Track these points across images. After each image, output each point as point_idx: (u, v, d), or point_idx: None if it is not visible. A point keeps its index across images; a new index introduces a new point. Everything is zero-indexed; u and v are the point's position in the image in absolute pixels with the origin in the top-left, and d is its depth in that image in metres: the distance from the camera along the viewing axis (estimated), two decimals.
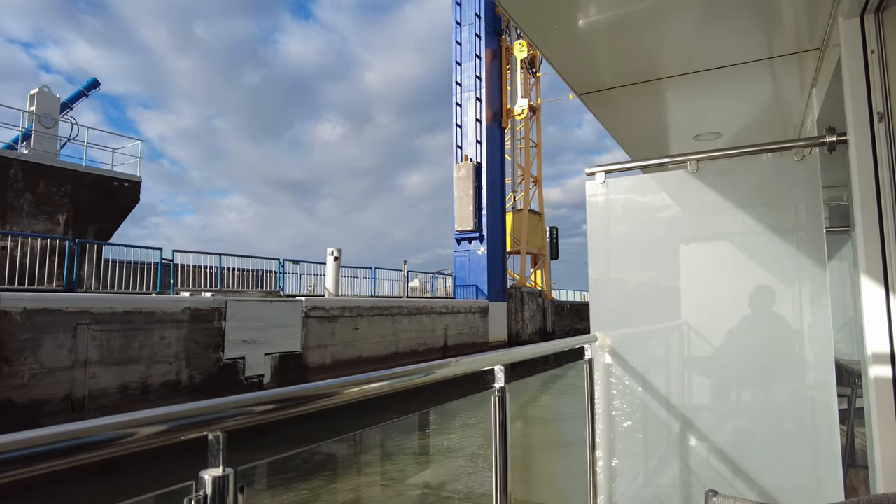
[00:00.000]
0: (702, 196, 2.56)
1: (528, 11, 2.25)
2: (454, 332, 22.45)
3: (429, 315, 20.88)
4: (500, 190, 28.35)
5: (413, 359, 19.74)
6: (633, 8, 2.18)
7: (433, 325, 21.12)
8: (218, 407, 0.95)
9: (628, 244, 2.78)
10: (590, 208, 2.81)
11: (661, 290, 2.69)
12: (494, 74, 28.81)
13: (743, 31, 2.36)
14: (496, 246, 27.61)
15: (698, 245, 2.62)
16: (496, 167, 28.11)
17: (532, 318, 29.67)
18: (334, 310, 16.40)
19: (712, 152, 2.57)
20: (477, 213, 26.88)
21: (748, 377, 2.49)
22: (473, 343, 23.94)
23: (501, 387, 1.89)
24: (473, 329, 23.96)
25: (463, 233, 27.37)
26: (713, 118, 3.46)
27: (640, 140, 4.02)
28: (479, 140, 27.44)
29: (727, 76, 2.76)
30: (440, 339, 21.50)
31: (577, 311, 36.35)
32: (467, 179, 26.85)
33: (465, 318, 23.35)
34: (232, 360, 13.27)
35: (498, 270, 27.56)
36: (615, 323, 2.74)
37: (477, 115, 27.55)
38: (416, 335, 20.08)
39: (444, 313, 21.83)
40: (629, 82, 2.90)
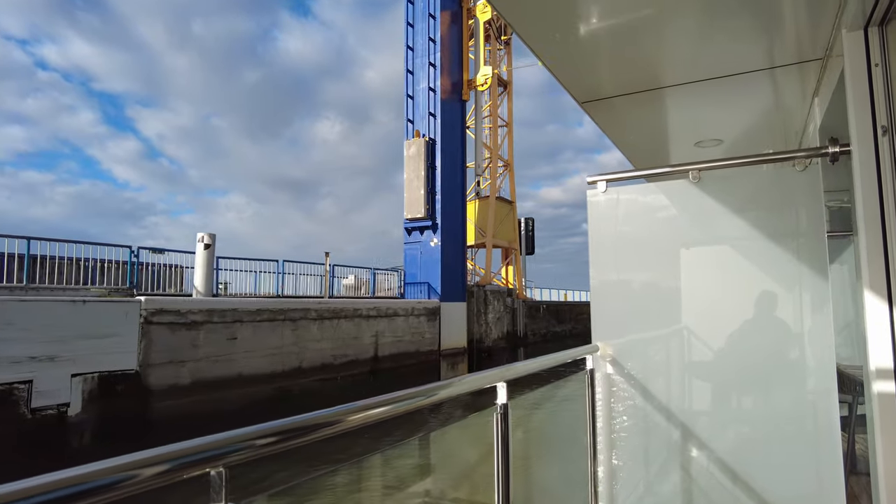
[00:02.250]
0: (703, 205, 2.57)
1: (530, 21, 2.25)
2: (389, 340, 18.43)
3: (351, 319, 16.87)
4: (459, 172, 24.33)
5: (326, 374, 15.75)
6: (635, 18, 2.19)
7: (358, 331, 17.11)
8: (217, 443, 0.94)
9: (630, 253, 2.79)
10: (591, 217, 2.82)
11: (662, 298, 2.69)
12: (454, 40, 24.78)
13: (745, 40, 2.38)
14: (453, 237, 23.59)
15: (700, 254, 2.64)
16: (454, 146, 24.08)
17: (498, 320, 25.64)
18: (196, 314, 12.42)
19: (714, 162, 2.57)
20: (429, 199, 22.86)
21: (750, 384, 2.51)
22: (418, 352, 19.93)
23: (504, 403, 1.84)
24: (418, 335, 19.95)
25: (413, 221, 23.35)
26: (714, 125, 3.48)
27: (642, 147, 4.04)
28: (433, 113, 23.40)
29: (728, 85, 2.77)
30: (368, 348, 17.49)
31: (556, 312, 32.28)
32: (418, 158, 22.83)
33: (406, 322, 19.33)
34: (6, 385, 9.29)
35: (455, 265, 23.53)
36: (617, 332, 2.75)
37: (430, 84, 23.52)
38: (332, 345, 16.07)
39: (374, 317, 17.82)
40: (630, 91, 2.91)
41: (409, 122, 23.91)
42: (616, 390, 2.71)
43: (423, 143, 22.77)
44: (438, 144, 23.17)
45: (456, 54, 24.86)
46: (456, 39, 24.92)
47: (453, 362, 22.75)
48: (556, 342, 31.66)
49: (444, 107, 23.50)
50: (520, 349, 27.39)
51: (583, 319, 36.66)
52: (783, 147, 3.74)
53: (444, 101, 23.60)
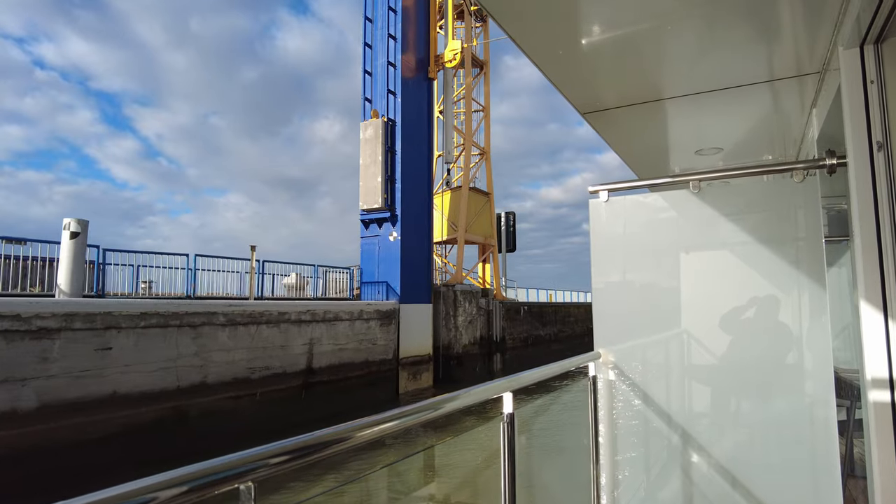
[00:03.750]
0: (704, 214, 2.62)
1: (533, 36, 2.28)
2: (328, 349, 15.77)
3: (276, 325, 14.22)
4: (424, 159, 21.69)
5: (240, 390, 13.10)
6: (636, 31, 2.23)
7: (285, 338, 14.46)
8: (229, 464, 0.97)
9: (631, 261, 2.82)
10: (593, 226, 2.85)
11: (663, 306, 2.72)
12: (420, 12, 22.14)
13: (744, 54, 2.42)
14: (417, 230, 20.95)
15: (700, 261, 2.66)
16: (419, 128, 21.44)
17: (469, 323, 22.97)
18: (47, 318, 9.77)
19: (714, 172, 2.62)
20: (388, 187, 20.21)
21: (750, 390, 2.54)
22: (367, 362, 17.27)
23: (510, 413, 1.86)
24: (367, 342, 17.29)
25: (370, 212, 20.69)
26: (714, 135, 3.53)
27: (642, 156, 4.09)
28: (393, 91, 20.76)
29: (728, 96, 2.81)
30: (299, 359, 14.84)
31: (539, 314, 29.60)
32: (375, 141, 20.18)
33: (351, 328, 16.67)
34: None
35: (418, 262, 20.88)
36: (618, 339, 2.79)
37: (390, 59, 20.88)
38: (248, 355, 13.42)
39: (308, 322, 15.16)
40: (631, 102, 2.95)
41: (366, 101, 21.26)
42: (618, 396, 2.74)
43: (381, 123, 20.12)
44: (399, 126, 20.53)
45: (422, 28, 22.24)
46: (422, 12, 22.29)
47: (415, 372, 20.11)
48: (538, 347, 28.96)
49: (406, 84, 20.86)
50: (495, 356, 24.73)
51: (570, 322, 33.93)
52: (782, 154, 3.87)
53: (406, 78, 20.96)
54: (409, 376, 19.80)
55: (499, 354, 25.07)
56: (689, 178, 2.58)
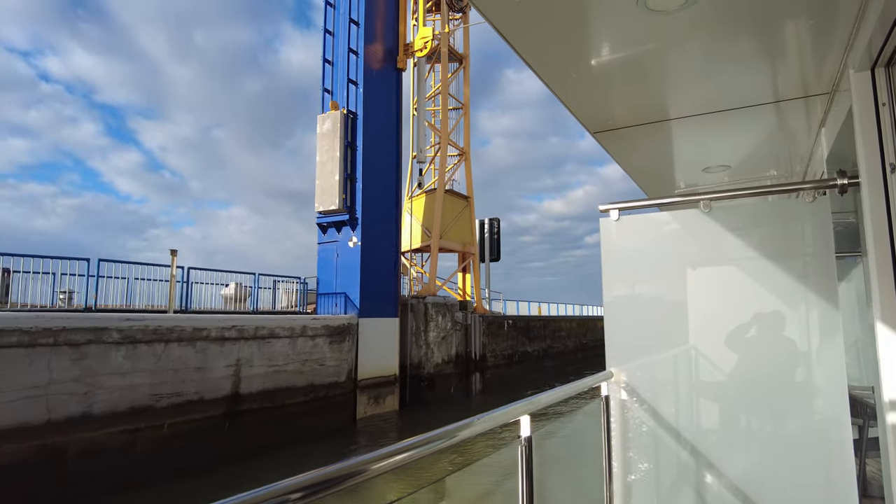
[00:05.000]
0: (714, 233, 2.61)
1: (546, 58, 2.29)
2: (261, 371, 13.50)
3: (191, 343, 11.98)
4: (390, 156, 19.55)
5: (140, 422, 10.84)
6: (646, 53, 2.25)
7: (204, 359, 12.21)
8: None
9: (642, 280, 2.82)
10: (604, 245, 2.83)
11: (675, 325, 2.71)
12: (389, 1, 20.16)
13: (753, 75, 2.44)
14: (381, 236, 18.75)
15: (711, 280, 2.66)
16: (385, 123, 19.34)
17: (443, 340, 20.67)
18: None
19: (725, 192, 2.60)
20: (347, 186, 18.06)
21: (763, 408, 2.52)
22: (312, 385, 14.97)
23: (528, 436, 1.84)
24: (312, 362, 15.01)
25: (326, 215, 18.51)
26: (722, 153, 3.55)
27: (651, 173, 4.11)
28: (354, 80, 18.69)
29: (736, 116, 2.84)
30: (222, 382, 12.57)
31: (525, 329, 27.26)
32: (333, 136, 18.08)
33: (292, 347, 14.40)
34: None
35: (382, 271, 18.65)
36: (630, 358, 2.77)
37: (352, 46, 18.84)
38: (153, 379, 11.17)
39: (235, 339, 12.92)
40: (641, 122, 2.98)
41: (325, 93, 19.18)
42: (630, 416, 2.73)
43: (340, 116, 18.02)
44: (360, 119, 18.42)
45: (391, 15, 20.23)
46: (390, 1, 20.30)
47: (377, 395, 17.79)
48: (525, 365, 26.57)
49: (369, 74, 18.79)
50: (474, 375, 22.37)
51: (561, 337, 31.55)
52: (788, 171, 3.90)
53: (370, 68, 18.90)
54: (369, 400, 17.49)
55: (478, 374, 22.72)
56: (699, 197, 2.58)
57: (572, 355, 32.46)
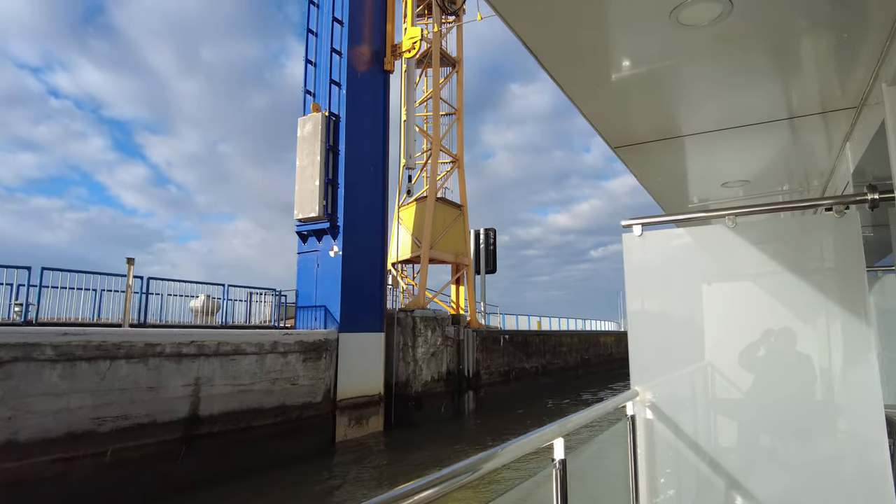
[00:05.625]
0: (740, 249, 2.59)
1: (572, 72, 2.29)
2: (225, 390, 12.33)
3: (142, 360, 10.84)
4: (376, 161, 18.51)
5: (77, 449, 9.67)
6: (670, 68, 2.25)
7: (157, 378, 11.06)
8: None
9: (667, 297, 2.78)
10: (627, 261, 2.80)
11: (701, 342, 2.66)
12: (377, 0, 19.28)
13: (779, 90, 2.43)
14: (366, 245, 17.64)
15: (738, 297, 2.61)
16: (370, 126, 18.33)
17: (432, 356, 19.44)
18: None
19: (751, 208, 2.59)
20: (328, 192, 17.00)
21: (793, 431, 2.45)
22: (283, 406, 13.77)
23: (562, 459, 1.78)
24: (284, 381, 13.82)
25: (306, 223, 17.44)
26: (742, 168, 3.54)
27: (669, 188, 4.09)
28: (337, 81, 17.72)
29: (759, 131, 2.82)
30: (178, 404, 11.40)
31: (523, 344, 25.97)
32: (313, 140, 17.07)
33: (260, 364, 13.23)
34: None
35: (366, 283, 17.51)
36: (656, 376, 2.72)
37: (336, 45, 17.91)
38: (95, 401, 10.02)
39: (194, 356, 11.77)
40: (664, 137, 2.98)
41: (307, 95, 18.22)
42: (657, 436, 2.67)
43: (321, 118, 17.02)
44: (343, 121, 17.42)
45: (378, 16, 19.34)
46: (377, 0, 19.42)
47: (359, 416, 16.55)
48: (522, 382, 25.23)
49: (353, 76, 17.83)
50: (466, 394, 21.08)
51: (561, 353, 30.21)
52: (805, 185, 3.85)
53: (355, 69, 17.95)
54: (350, 422, 16.25)
55: (471, 392, 21.42)
56: (724, 212, 2.55)
57: (573, 371, 31.07)
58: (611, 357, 39.55)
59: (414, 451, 15.65)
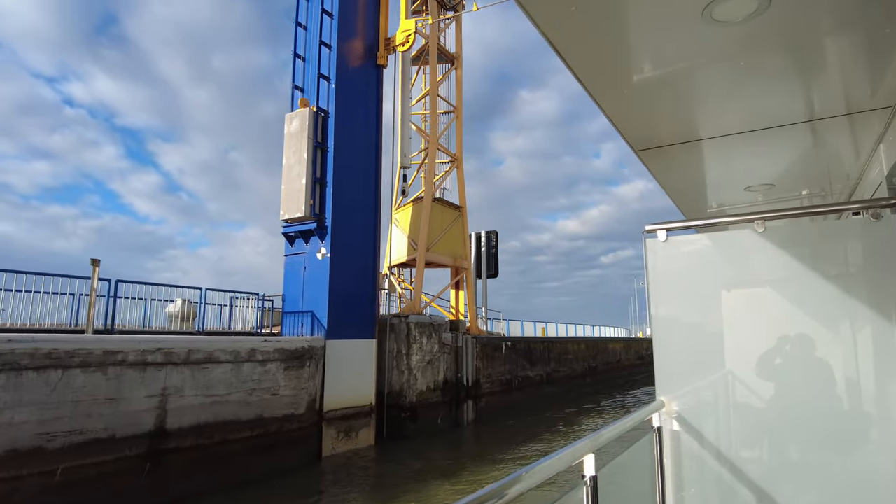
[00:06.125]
0: (769, 254, 2.49)
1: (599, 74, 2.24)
2: (196, 402, 11.44)
3: (101, 369, 9.96)
4: (368, 159, 17.63)
5: (26, 467, 8.79)
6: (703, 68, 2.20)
7: (118, 388, 10.18)
8: None
9: (694, 304, 2.69)
10: (651, 267, 2.71)
11: (730, 350, 2.56)
12: None
13: (809, 90, 2.35)
14: (356, 247, 16.74)
15: (766, 304, 2.52)
16: (362, 122, 17.47)
17: (428, 364, 18.45)
18: None
19: (781, 212, 2.54)
20: (315, 191, 16.14)
21: (829, 443, 2.33)
22: (261, 418, 12.84)
23: (593, 476, 1.71)
24: (262, 392, 12.91)
25: (293, 223, 16.57)
26: (766, 171, 3.45)
27: (691, 192, 3.97)
28: (326, 76, 16.89)
29: (787, 133, 2.75)
30: (142, 417, 10.51)
31: (527, 351, 24.89)
32: (300, 136, 16.23)
33: (236, 373, 12.32)
34: None
35: (356, 287, 16.60)
36: (682, 386, 2.63)
37: (325, 38, 17.10)
38: (43, 415, 9.14)
39: (161, 364, 10.89)
40: (688, 139, 2.92)
41: (296, 90, 17.41)
42: (684, 448, 2.57)
43: (309, 113, 16.19)
44: (332, 117, 16.58)
45: (371, 8, 18.53)
46: None
47: (347, 428, 15.59)
48: (525, 391, 24.14)
49: (344, 70, 16.99)
50: (465, 404, 20.05)
51: (567, 360, 29.07)
52: (832, 189, 3.71)
53: (346, 63, 17.12)
54: (338, 434, 15.30)
55: (470, 402, 20.39)
56: (752, 216, 2.45)
57: (580, 380, 29.90)
58: (619, 364, 38.29)
59: (408, 465, 14.65)
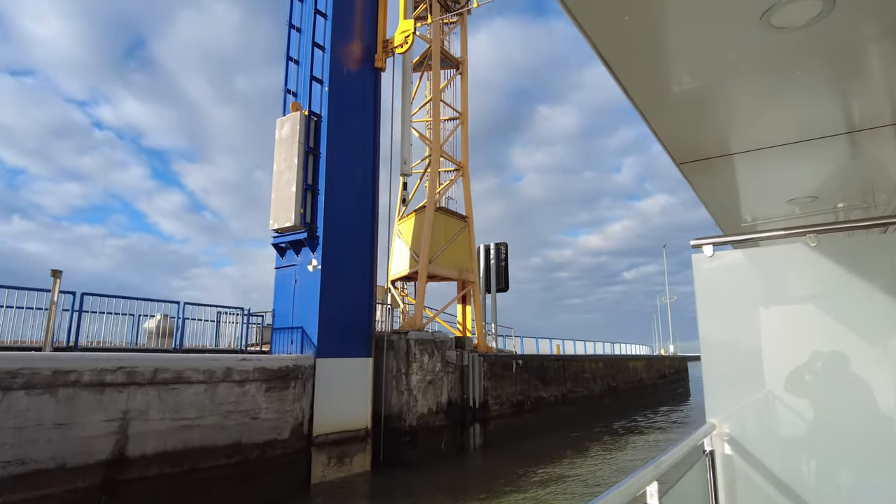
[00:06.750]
0: (822, 269, 2.39)
1: (647, 84, 2.18)
2: (164, 426, 10.38)
3: (49, 391, 8.97)
4: (365, 166, 16.67)
5: None
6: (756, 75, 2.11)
7: (70, 412, 9.18)
8: None
9: (744, 321, 2.57)
10: (698, 283, 2.64)
11: (784, 369, 2.45)
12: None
13: (867, 97, 2.25)
14: (350, 258, 15.69)
15: (820, 320, 2.41)
16: (358, 128, 16.55)
17: (430, 384, 17.20)
18: None
19: (832, 224, 2.43)
20: (307, 199, 15.18)
21: (883, 466, 2.22)
22: (239, 444, 11.73)
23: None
24: (241, 414, 11.81)
25: (282, 233, 15.61)
26: (811, 183, 3.33)
27: (732, 205, 3.88)
28: (319, 78, 16.04)
29: (838, 142, 2.63)
30: (98, 444, 9.47)
31: (540, 371, 23.45)
32: (291, 141, 15.34)
33: (210, 395, 11.26)
34: None
35: (350, 301, 15.51)
36: (734, 408, 2.52)
37: (319, 40, 16.30)
38: None
39: (123, 385, 9.88)
40: (734, 151, 2.82)
41: (288, 94, 16.59)
42: (738, 474, 2.47)
43: (300, 117, 15.31)
44: (325, 121, 15.68)
45: (369, 9, 17.75)
46: None
47: (340, 454, 14.39)
48: (538, 413, 22.64)
49: (338, 72, 16.14)
50: (472, 427, 18.70)
51: (584, 380, 27.49)
52: (875, 200, 3.61)
53: (341, 65, 16.28)
54: (329, 460, 14.10)
55: (478, 425, 19.03)
56: (804, 229, 2.38)
57: (598, 400, 28.26)
58: (641, 383, 36.44)
59: (406, 494, 13.40)
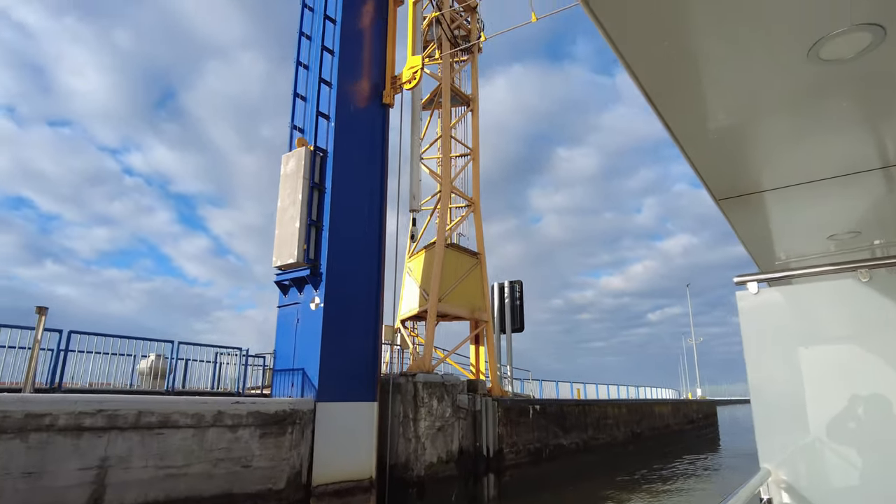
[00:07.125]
0: (870, 305, 2.35)
1: (689, 119, 2.13)
2: (147, 476, 9.63)
3: (19, 436, 8.34)
4: (372, 202, 16.25)
5: None
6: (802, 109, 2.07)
7: (41, 460, 8.51)
8: None
9: (794, 360, 2.51)
10: (744, 321, 2.59)
11: (840, 410, 2.36)
12: (376, 31, 17.76)
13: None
14: (354, 297, 15.07)
15: (874, 358, 2.35)
16: (365, 164, 16.23)
17: (439, 430, 16.19)
18: None
19: (885, 259, 2.39)
20: (310, 235, 14.72)
21: None
22: (230, 494, 10.88)
23: None
24: (232, 462, 11.01)
25: (285, 271, 15.10)
26: (853, 217, 3.24)
27: (770, 241, 3.82)
28: (325, 113, 15.85)
29: (878, 176, 2.56)
30: (71, 495, 8.74)
31: (559, 417, 22.18)
32: (296, 176, 15.03)
33: (199, 441, 10.52)
34: None
35: (355, 342, 14.80)
36: (789, 452, 2.46)
37: (326, 76, 16.20)
38: None
39: (103, 430, 9.22)
40: (776, 186, 2.77)
41: (294, 130, 16.41)
42: None
43: (306, 152, 15.04)
44: (331, 157, 15.38)
45: (377, 46, 17.73)
46: (378, 31, 17.88)
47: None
48: (558, 462, 21.28)
49: (345, 108, 15.95)
50: (486, 477, 17.50)
51: (606, 426, 26.02)
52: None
53: (348, 100, 16.11)
54: None
55: (492, 475, 17.82)
56: (854, 265, 2.33)
57: (621, 447, 26.67)
58: (667, 429, 34.56)
59: None
